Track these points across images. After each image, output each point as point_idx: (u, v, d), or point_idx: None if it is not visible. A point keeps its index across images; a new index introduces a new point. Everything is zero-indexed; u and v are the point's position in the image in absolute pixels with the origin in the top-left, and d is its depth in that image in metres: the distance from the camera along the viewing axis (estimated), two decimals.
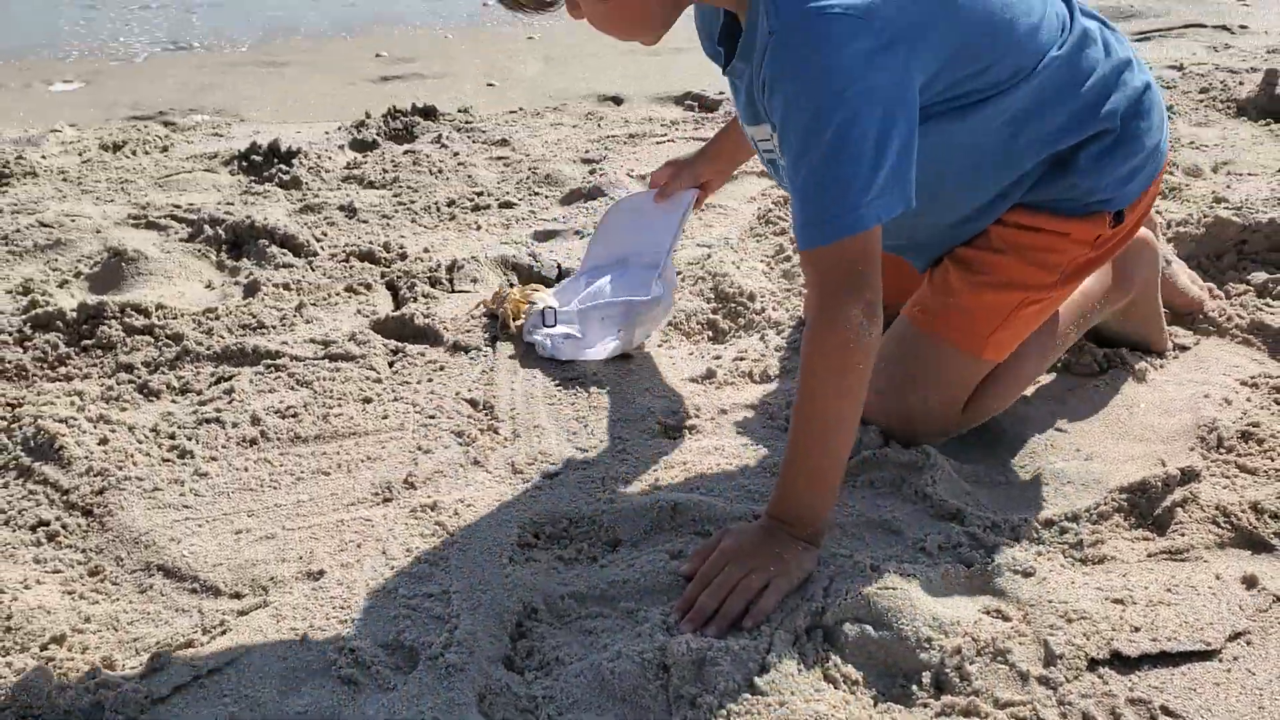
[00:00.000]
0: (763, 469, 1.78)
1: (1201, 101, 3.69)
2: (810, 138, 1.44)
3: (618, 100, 4.07)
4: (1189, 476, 1.68)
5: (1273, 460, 1.74)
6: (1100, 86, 1.71)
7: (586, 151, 3.41)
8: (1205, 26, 4.95)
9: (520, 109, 3.90)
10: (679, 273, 2.41)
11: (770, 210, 2.83)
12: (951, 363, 1.77)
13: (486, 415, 1.96)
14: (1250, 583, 1.47)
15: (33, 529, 1.67)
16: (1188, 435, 1.80)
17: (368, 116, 3.69)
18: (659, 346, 2.21)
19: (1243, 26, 4.94)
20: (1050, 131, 1.69)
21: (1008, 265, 1.75)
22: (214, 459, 1.84)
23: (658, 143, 3.51)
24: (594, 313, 2.16)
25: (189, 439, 1.89)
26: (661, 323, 2.23)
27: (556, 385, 2.05)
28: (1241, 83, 3.74)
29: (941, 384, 1.78)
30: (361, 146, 3.52)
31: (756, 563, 1.46)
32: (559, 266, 2.55)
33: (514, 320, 2.25)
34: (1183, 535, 1.58)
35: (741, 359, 2.11)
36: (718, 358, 2.15)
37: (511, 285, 2.44)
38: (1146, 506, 1.65)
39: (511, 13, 1.63)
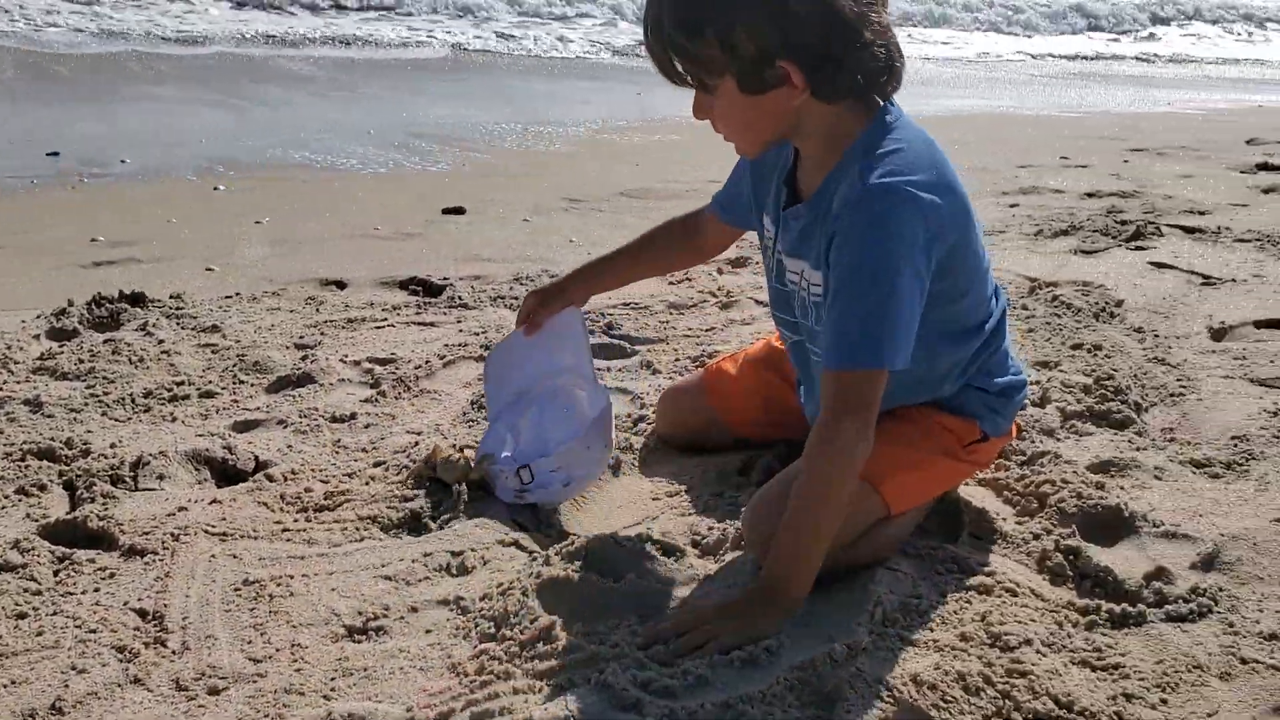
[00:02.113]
0: (446, 670, 1.73)
1: None
2: (866, 286, 1.78)
3: (341, 284, 4.04)
4: (855, 651, 1.75)
5: (931, 631, 1.84)
6: (1000, 362, 2.15)
7: (301, 337, 3.35)
8: None
9: (237, 294, 3.81)
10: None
11: (483, 397, 2.83)
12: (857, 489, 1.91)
13: (155, 626, 1.84)
14: None
15: None
16: (856, 609, 1.87)
17: (70, 304, 3.52)
18: (352, 542, 2.14)
19: None
20: (967, 373, 2.10)
21: (903, 429, 2.06)
22: None
23: (377, 327, 3.49)
24: (577, 447, 2.26)
25: None
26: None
27: (235, 590, 1.95)
28: None
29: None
30: (59, 335, 3.34)
31: (723, 613, 1.83)
32: (255, 459, 2.47)
33: (461, 482, 2.29)
34: (848, 712, 1.63)
35: (431, 554, 2.07)
36: (419, 555, 2.09)
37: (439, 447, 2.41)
38: (818, 684, 1.70)
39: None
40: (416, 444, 2.54)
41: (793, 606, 1.85)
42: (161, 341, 3.22)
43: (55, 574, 2.00)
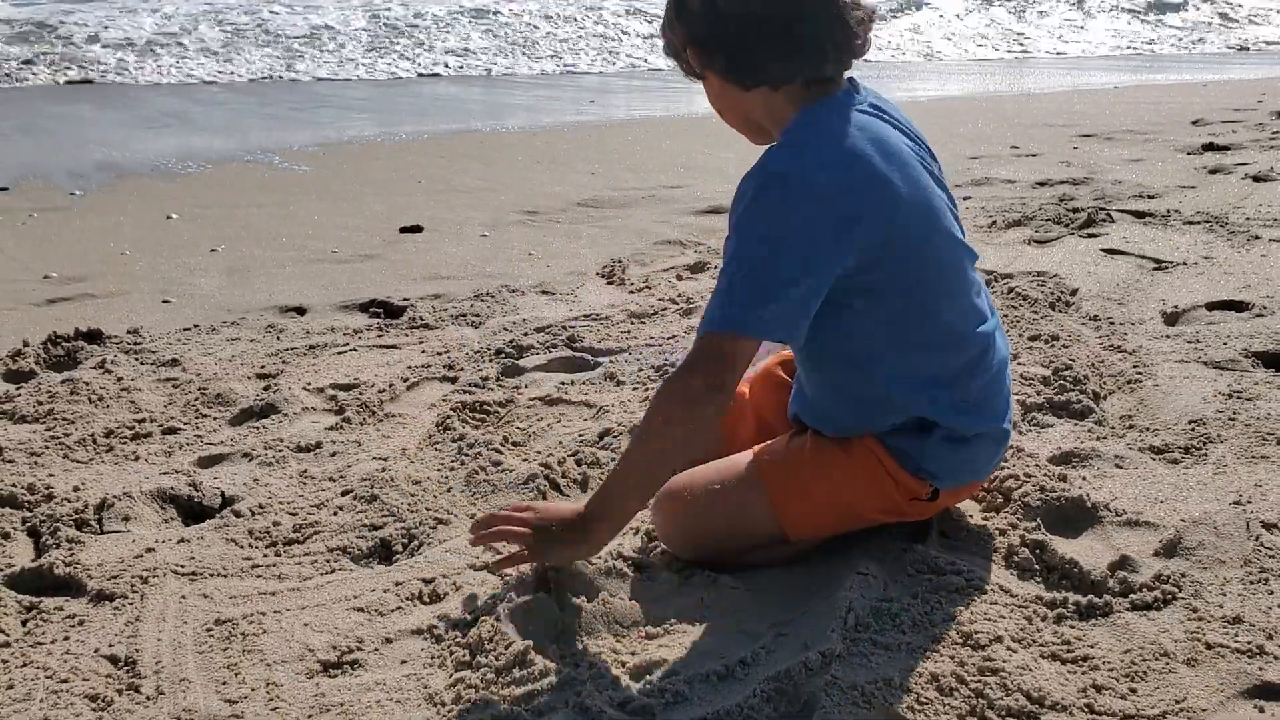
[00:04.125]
0: (423, 701, 1.73)
1: None
2: (741, 254, 1.81)
3: (301, 310, 4.02)
4: (829, 658, 1.76)
5: (904, 634, 1.85)
6: (981, 402, 2.03)
7: (263, 366, 3.33)
8: None
9: (196, 326, 3.78)
10: None
11: (449, 418, 2.83)
12: (758, 506, 2.02)
13: (128, 672, 1.83)
14: None
15: None
16: (829, 616, 1.88)
17: (25, 345, 3.48)
18: (323, 575, 2.14)
19: None
20: (936, 403, 2.00)
21: (852, 471, 2.03)
22: None
23: (339, 352, 3.47)
24: None
25: None
26: None
27: (207, 630, 1.94)
28: None
29: (736, 514, 2.04)
30: (16, 378, 3.30)
31: (540, 521, 1.92)
32: (222, 495, 2.45)
33: None
34: None
35: (403, 583, 2.07)
36: (390, 585, 2.09)
37: None
38: (794, 693, 1.71)
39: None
40: (384, 470, 2.54)
41: (591, 550, 1.96)
42: (121, 379, 3.19)
43: (23, 624, 1.98)
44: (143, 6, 14.03)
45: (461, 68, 12.61)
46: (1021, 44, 16.19)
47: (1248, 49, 16.62)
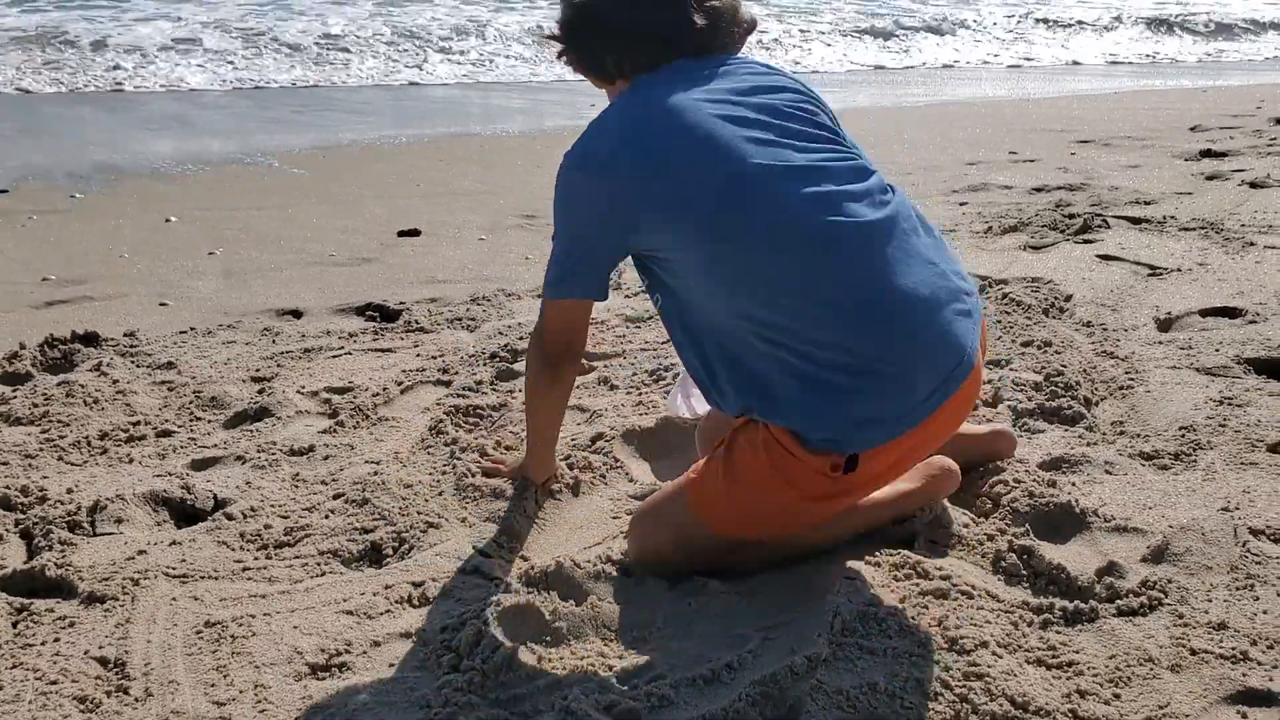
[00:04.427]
0: (411, 704, 1.74)
1: None
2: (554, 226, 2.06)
3: (297, 314, 4.03)
4: (815, 663, 1.77)
5: (890, 638, 1.86)
6: (845, 354, 1.89)
7: (257, 370, 3.34)
8: None
9: (192, 328, 3.79)
10: None
11: (442, 421, 2.84)
12: (687, 518, 2.08)
13: (117, 674, 1.84)
14: None
15: None
16: (816, 620, 1.89)
17: (22, 347, 3.49)
18: (313, 577, 2.15)
19: None
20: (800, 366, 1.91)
21: (760, 466, 1.97)
22: None
23: (334, 356, 3.48)
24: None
25: None
26: None
27: (197, 632, 1.95)
28: None
29: (670, 523, 2.10)
30: (12, 380, 3.31)
31: (511, 459, 2.54)
32: (214, 497, 2.46)
33: None
34: None
35: (392, 586, 2.08)
36: (380, 588, 2.10)
37: None
38: (779, 697, 1.72)
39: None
40: (375, 473, 2.54)
41: (528, 471, 2.46)
42: (116, 381, 3.20)
43: (14, 626, 1.99)
44: (153, 12, 14.04)
45: (462, 71, 12.62)
46: (1033, 54, 16.18)
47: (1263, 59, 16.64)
